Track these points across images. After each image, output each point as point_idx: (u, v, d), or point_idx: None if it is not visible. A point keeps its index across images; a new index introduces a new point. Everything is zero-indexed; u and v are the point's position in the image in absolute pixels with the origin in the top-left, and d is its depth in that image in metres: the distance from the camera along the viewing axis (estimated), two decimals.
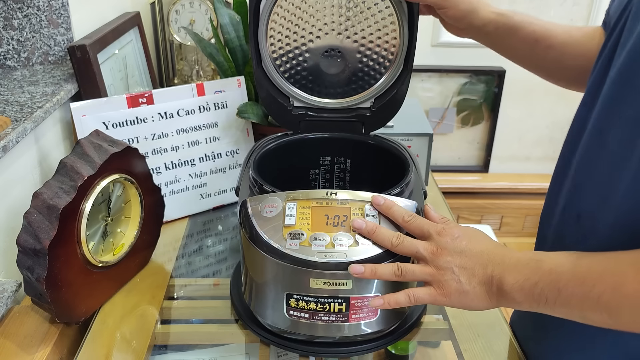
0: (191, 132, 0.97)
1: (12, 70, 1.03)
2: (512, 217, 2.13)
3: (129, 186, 0.78)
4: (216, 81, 1.00)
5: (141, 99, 0.92)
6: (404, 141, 1.07)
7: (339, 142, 0.81)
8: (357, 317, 0.64)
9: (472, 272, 0.56)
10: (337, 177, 0.85)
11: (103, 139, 0.76)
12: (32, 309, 0.73)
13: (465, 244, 0.57)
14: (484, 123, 2.10)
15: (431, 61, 1.97)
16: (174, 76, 1.47)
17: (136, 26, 1.27)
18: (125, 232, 0.80)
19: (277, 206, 0.64)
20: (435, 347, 0.78)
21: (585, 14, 1.93)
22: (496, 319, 0.76)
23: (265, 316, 0.68)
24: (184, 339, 0.76)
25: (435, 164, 2.12)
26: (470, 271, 0.56)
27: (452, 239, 0.58)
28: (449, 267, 0.56)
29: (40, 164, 0.89)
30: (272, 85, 0.78)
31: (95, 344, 0.70)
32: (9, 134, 0.75)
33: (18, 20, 1.01)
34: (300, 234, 0.62)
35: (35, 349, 0.68)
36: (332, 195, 0.65)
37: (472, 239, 0.58)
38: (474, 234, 0.60)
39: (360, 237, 0.62)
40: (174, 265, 0.87)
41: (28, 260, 0.66)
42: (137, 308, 0.77)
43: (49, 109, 0.87)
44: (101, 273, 0.75)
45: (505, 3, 1.89)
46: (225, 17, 1.04)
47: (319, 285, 0.62)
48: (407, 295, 0.59)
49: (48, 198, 0.66)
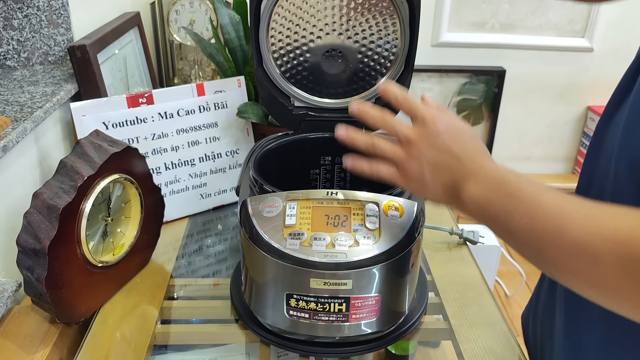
0: (191, 132, 0.97)
1: (12, 70, 1.03)
2: None
3: (129, 186, 0.78)
4: (216, 81, 1.00)
5: (141, 99, 0.92)
6: None
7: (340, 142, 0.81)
8: (357, 317, 0.64)
9: (438, 171, 0.54)
10: (338, 177, 0.85)
11: (103, 139, 0.76)
12: (32, 309, 0.73)
13: (445, 142, 0.55)
14: (483, 123, 2.10)
15: (431, 61, 1.97)
16: (174, 76, 1.47)
17: (136, 26, 1.27)
18: (125, 232, 0.80)
19: (277, 206, 0.64)
20: (435, 347, 0.78)
21: (585, 14, 1.93)
22: (496, 319, 0.76)
23: (265, 316, 0.68)
24: (184, 339, 0.76)
25: None
26: (437, 170, 0.55)
27: (435, 133, 0.55)
28: (419, 158, 0.55)
29: (40, 164, 0.89)
30: (273, 85, 0.78)
31: (95, 344, 0.70)
32: (9, 134, 0.75)
33: (18, 20, 1.01)
34: (301, 234, 0.62)
35: (35, 349, 0.68)
36: (332, 196, 0.65)
37: (455, 139, 0.55)
38: (461, 133, 0.56)
39: (361, 238, 0.62)
40: (174, 265, 0.87)
41: (28, 260, 0.66)
42: (137, 308, 0.77)
43: (49, 109, 0.87)
44: (101, 273, 0.75)
45: (505, 3, 1.89)
46: (225, 17, 1.04)
47: (319, 285, 0.62)
48: (370, 165, 0.59)
49: (48, 198, 0.66)
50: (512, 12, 1.91)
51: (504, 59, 1.98)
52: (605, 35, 1.95)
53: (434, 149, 0.55)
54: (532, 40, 1.93)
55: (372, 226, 0.63)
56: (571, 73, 2.02)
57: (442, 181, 0.54)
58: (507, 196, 0.49)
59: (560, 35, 1.96)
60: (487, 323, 0.75)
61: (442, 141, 0.55)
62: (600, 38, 1.95)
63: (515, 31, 1.94)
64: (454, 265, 0.87)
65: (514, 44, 1.94)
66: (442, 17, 1.89)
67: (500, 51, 1.94)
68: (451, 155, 0.54)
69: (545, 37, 1.95)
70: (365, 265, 0.61)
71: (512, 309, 1.87)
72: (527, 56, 1.96)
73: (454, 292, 0.81)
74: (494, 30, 1.93)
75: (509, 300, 1.93)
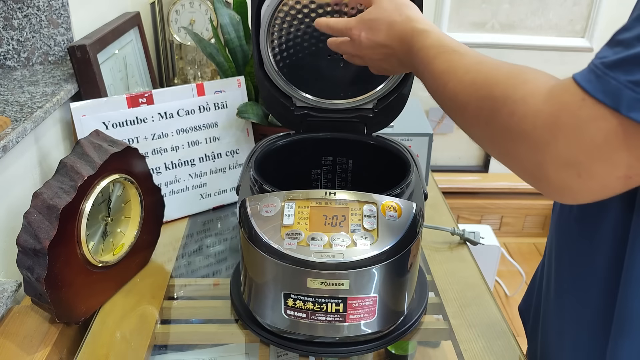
0: (191, 132, 0.98)
1: (12, 70, 1.03)
2: (512, 217, 2.13)
3: (129, 186, 0.78)
4: (216, 81, 1.00)
5: (141, 99, 0.92)
6: (404, 141, 1.07)
7: (341, 143, 0.81)
8: (354, 317, 0.64)
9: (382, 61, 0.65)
10: (339, 177, 0.85)
11: (103, 139, 0.76)
12: (32, 309, 0.74)
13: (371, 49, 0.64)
14: None
15: None
16: (174, 76, 1.48)
17: (136, 26, 1.27)
18: (125, 232, 0.80)
19: (275, 206, 0.64)
20: (435, 347, 0.78)
21: (585, 14, 1.93)
22: (496, 319, 0.76)
23: (263, 316, 0.68)
24: (184, 339, 0.76)
25: (435, 164, 2.12)
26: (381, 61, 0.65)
27: (362, 46, 0.64)
28: (363, 59, 0.66)
29: (40, 164, 0.89)
30: (275, 86, 0.78)
31: (95, 344, 0.70)
32: (9, 134, 0.75)
33: (18, 20, 1.01)
34: (298, 233, 0.62)
35: (35, 349, 0.68)
36: (330, 196, 0.65)
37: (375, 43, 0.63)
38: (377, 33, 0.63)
39: (359, 238, 0.62)
40: (174, 265, 0.87)
41: (28, 260, 0.67)
42: (137, 308, 0.77)
43: (49, 109, 0.87)
44: (101, 273, 0.75)
45: (505, 3, 1.89)
46: (225, 17, 1.04)
47: (316, 285, 0.62)
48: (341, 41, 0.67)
49: (48, 198, 0.66)
50: (512, 12, 1.91)
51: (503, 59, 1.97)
52: (605, 35, 1.95)
53: (370, 56, 0.65)
54: (532, 40, 1.93)
55: (370, 227, 0.63)
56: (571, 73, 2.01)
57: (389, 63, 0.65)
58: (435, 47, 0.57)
59: (560, 35, 1.96)
60: (487, 323, 0.75)
61: (368, 51, 0.64)
62: (600, 38, 1.95)
63: (515, 31, 1.93)
64: (454, 265, 0.87)
65: (514, 44, 1.94)
66: (442, 17, 1.89)
67: (500, 51, 1.94)
68: (384, 47, 0.63)
69: (545, 37, 1.95)
70: (362, 266, 0.61)
71: (512, 309, 1.87)
72: (527, 56, 1.96)
73: (454, 292, 0.81)
74: (494, 30, 1.93)
75: (509, 300, 1.93)
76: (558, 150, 0.41)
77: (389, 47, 0.62)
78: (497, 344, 0.71)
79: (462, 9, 1.90)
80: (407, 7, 0.62)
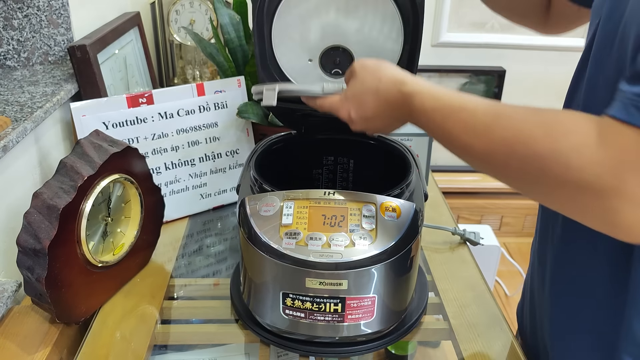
0: (191, 132, 0.98)
1: (12, 70, 1.03)
2: (512, 217, 2.13)
3: (129, 186, 0.78)
4: (216, 81, 1.00)
5: (141, 99, 0.92)
6: (404, 141, 1.07)
7: (343, 143, 0.81)
8: (353, 317, 0.64)
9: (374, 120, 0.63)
10: (341, 177, 0.85)
11: (103, 139, 0.76)
12: (32, 309, 0.74)
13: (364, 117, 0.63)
14: None
15: (431, 61, 1.97)
16: (174, 76, 1.48)
17: (136, 26, 1.27)
18: (125, 232, 0.80)
19: (274, 205, 0.64)
20: (435, 347, 0.78)
21: None
22: (496, 319, 0.76)
23: (263, 315, 0.68)
24: (184, 339, 0.76)
25: (435, 164, 2.12)
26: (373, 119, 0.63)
27: (352, 121, 0.64)
28: (371, 129, 0.65)
29: (40, 164, 0.89)
30: None
31: (95, 344, 0.70)
32: (9, 134, 0.75)
33: (18, 20, 1.01)
34: (297, 233, 0.62)
35: (35, 349, 0.68)
36: (329, 195, 0.65)
37: (364, 108, 0.62)
38: (362, 96, 0.62)
39: (357, 238, 0.62)
40: (174, 265, 0.87)
41: (28, 260, 0.67)
42: (137, 308, 0.77)
43: (49, 109, 0.87)
44: (101, 273, 0.75)
45: None
46: (225, 17, 1.04)
47: (315, 285, 0.62)
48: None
49: (48, 198, 0.66)
50: None
51: (504, 59, 1.98)
52: None
53: (369, 127, 0.64)
54: (532, 40, 1.93)
55: (369, 227, 0.63)
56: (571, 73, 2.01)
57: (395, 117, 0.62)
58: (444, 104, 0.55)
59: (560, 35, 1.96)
60: (487, 323, 0.75)
61: (365, 125, 0.64)
62: None
63: (515, 31, 1.93)
64: (454, 265, 0.87)
65: (514, 44, 1.94)
66: (442, 17, 1.89)
67: (501, 51, 1.94)
68: (377, 118, 0.62)
69: (545, 37, 1.95)
70: (361, 266, 0.61)
71: (512, 309, 1.87)
72: (527, 56, 1.96)
73: (454, 292, 0.81)
74: (494, 30, 1.92)
75: (509, 300, 1.93)
76: (631, 191, 0.41)
77: (382, 116, 0.62)
78: (497, 344, 0.71)
79: (462, 9, 1.90)
80: (383, 69, 0.61)
